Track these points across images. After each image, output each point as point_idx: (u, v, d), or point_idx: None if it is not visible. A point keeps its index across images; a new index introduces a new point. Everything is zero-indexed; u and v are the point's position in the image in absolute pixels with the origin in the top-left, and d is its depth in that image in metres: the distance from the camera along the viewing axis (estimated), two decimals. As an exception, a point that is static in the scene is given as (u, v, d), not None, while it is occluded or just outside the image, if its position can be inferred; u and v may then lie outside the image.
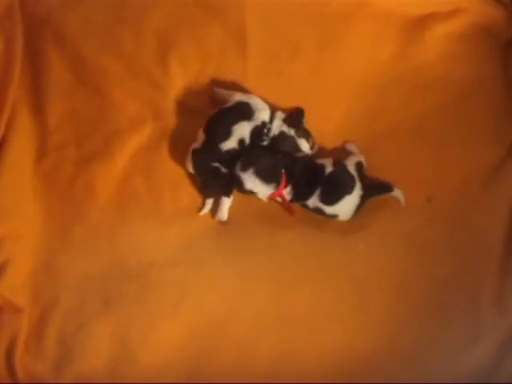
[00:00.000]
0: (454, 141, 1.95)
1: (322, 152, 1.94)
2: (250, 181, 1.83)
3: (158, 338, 1.84)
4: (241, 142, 1.87)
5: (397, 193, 1.89)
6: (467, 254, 1.88)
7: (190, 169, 1.90)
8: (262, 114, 1.89)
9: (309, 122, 1.92)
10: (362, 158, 1.89)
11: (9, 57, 1.97)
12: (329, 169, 1.85)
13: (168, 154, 1.95)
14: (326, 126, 1.96)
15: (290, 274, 1.88)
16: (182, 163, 1.94)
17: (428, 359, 1.82)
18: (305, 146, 1.90)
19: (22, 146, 1.93)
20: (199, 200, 1.93)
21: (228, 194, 1.90)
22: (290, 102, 1.95)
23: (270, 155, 1.86)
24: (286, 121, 1.90)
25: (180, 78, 1.98)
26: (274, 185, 1.84)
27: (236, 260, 1.89)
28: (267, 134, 1.89)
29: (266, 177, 1.83)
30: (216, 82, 1.98)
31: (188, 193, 1.94)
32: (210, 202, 1.92)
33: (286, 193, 1.86)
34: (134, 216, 1.92)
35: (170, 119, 1.97)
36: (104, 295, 1.87)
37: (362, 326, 1.84)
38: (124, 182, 1.93)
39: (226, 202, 1.91)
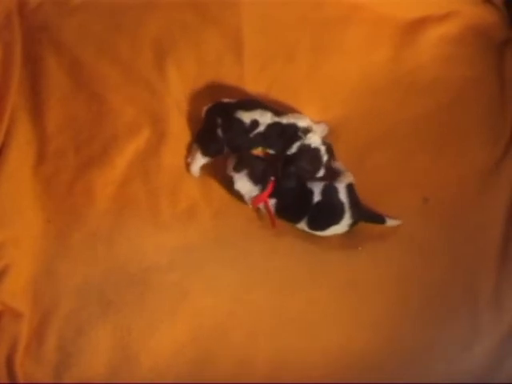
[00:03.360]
0: (450, 142, 1.97)
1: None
2: (241, 182, 1.84)
3: (157, 342, 1.85)
4: (253, 122, 1.88)
5: (391, 223, 1.89)
6: (464, 255, 1.89)
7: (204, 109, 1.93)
8: (296, 119, 1.90)
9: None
10: (351, 178, 1.89)
11: (8, 64, 1.99)
12: (317, 197, 1.85)
13: (166, 158, 1.96)
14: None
15: (288, 276, 1.89)
16: (180, 168, 1.96)
17: (427, 359, 1.83)
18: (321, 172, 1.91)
19: (21, 151, 1.95)
20: (197, 204, 1.94)
21: (204, 152, 1.91)
22: (286, 107, 1.97)
23: (261, 160, 1.87)
24: (328, 149, 1.90)
25: (177, 83, 2.00)
26: (259, 187, 1.84)
27: (234, 263, 1.90)
28: (297, 139, 1.88)
29: (255, 179, 1.84)
30: (213, 87, 1.99)
31: (186, 197, 1.95)
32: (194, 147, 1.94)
33: (271, 204, 1.86)
34: (133, 220, 1.93)
35: (168, 124, 1.98)
36: (103, 300, 1.87)
37: (360, 327, 1.85)
38: (122, 186, 1.95)
39: (198, 159, 1.92)
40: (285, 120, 1.89)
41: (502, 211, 1.92)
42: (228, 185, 1.88)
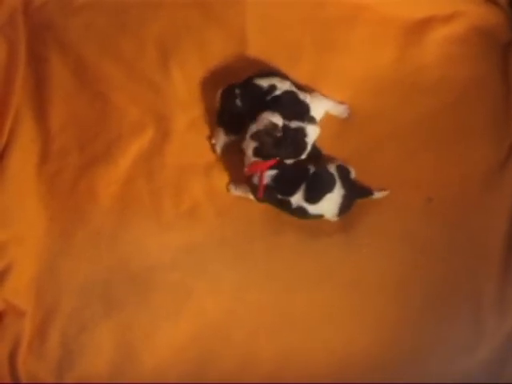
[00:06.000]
0: (454, 142, 1.96)
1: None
2: (249, 146, 1.84)
3: (160, 341, 1.86)
4: (271, 86, 1.88)
5: (378, 195, 1.89)
6: (467, 255, 1.88)
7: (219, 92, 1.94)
8: (313, 103, 1.91)
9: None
10: (343, 164, 1.90)
11: (12, 63, 2.00)
12: (312, 170, 1.86)
13: (169, 158, 1.97)
14: (326, 130, 1.95)
15: (290, 276, 1.89)
16: (184, 167, 1.96)
17: (429, 359, 1.83)
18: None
19: (25, 150, 1.96)
20: (201, 204, 1.94)
21: (227, 131, 1.92)
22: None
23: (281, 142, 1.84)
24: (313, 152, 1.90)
25: (181, 82, 2.00)
26: (259, 159, 1.84)
27: (237, 262, 1.90)
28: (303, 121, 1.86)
29: (259, 154, 1.84)
30: (217, 87, 1.98)
31: (189, 197, 1.95)
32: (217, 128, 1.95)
33: (267, 175, 1.84)
34: (136, 220, 1.93)
35: (172, 123, 1.98)
36: (106, 298, 1.88)
37: (362, 327, 1.85)
38: (126, 185, 1.95)
39: (221, 137, 1.93)
40: (302, 96, 1.89)
41: (506, 211, 1.91)
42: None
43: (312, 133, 1.85)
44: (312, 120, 1.87)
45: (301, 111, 1.88)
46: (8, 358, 1.82)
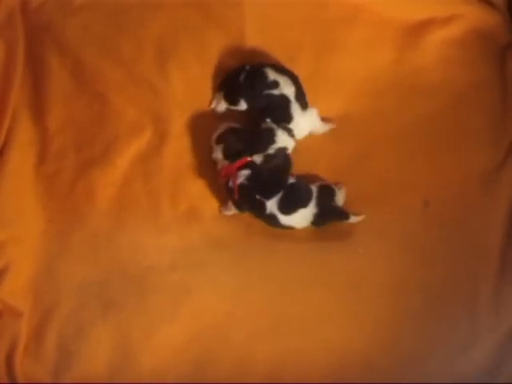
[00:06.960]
0: (452, 144, 1.97)
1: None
2: (216, 153, 1.89)
3: (158, 342, 1.85)
4: (274, 82, 1.90)
5: (354, 219, 1.88)
6: (465, 257, 1.89)
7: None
8: (306, 116, 1.92)
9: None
10: (335, 187, 1.90)
11: (10, 63, 1.99)
12: (291, 180, 1.87)
13: (167, 159, 1.96)
14: (325, 132, 1.97)
15: (288, 277, 1.89)
16: (182, 169, 1.96)
17: (427, 360, 1.83)
18: None
19: (23, 151, 1.95)
20: (198, 205, 1.94)
21: (225, 97, 1.95)
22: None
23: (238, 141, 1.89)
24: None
25: (179, 83, 2.00)
26: (229, 161, 1.87)
27: (235, 264, 1.90)
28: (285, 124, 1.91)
29: (227, 155, 1.87)
30: (216, 88, 1.99)
31: (187, 198, 1.95)
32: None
33: (240, 175, 1.85)
34: (134, 221, 1.93)
35: (170, 125, 1.98)
36: (104, 299, 1.87)
37: (360, 328, 1.85)
38: (124, 187, 1.95)
39: (221, 102, 1.96)
40: (292, 109, 1.90)
41: (504, 213, 1.92)
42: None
43: (284, 140, 1.88)
44: (288, 131, 1.89)
45: (282, 118, 1.90)
46: (5, 359, 1.81)
